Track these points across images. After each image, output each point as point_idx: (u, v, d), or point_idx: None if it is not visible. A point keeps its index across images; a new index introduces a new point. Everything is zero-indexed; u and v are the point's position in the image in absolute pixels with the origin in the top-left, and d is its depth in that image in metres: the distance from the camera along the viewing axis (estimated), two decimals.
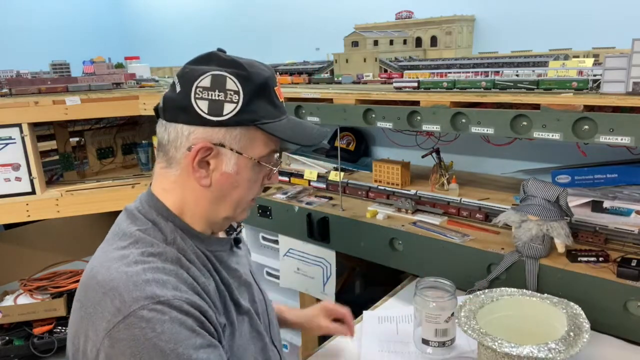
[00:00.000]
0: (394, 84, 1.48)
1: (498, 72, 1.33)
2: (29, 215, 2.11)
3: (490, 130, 1.26)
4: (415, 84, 1.43)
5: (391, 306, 1.44)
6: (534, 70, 1.28)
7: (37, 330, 2.04)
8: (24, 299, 2.14)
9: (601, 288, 1.14)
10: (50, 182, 2.30)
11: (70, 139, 2.47)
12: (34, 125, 2.09)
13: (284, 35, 2.92)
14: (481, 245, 1.36)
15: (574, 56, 1.54)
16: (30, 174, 2.06)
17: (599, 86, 1.15)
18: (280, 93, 0.90)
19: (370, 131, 2.23)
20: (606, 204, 1.34)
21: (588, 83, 1.17)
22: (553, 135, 1.16)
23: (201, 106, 0.81)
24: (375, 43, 1.91)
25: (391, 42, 1.97)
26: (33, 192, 2.09)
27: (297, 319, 1.24)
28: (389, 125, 1.46)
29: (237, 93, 0.82)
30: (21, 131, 2.01)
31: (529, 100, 1.19)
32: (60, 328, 2.06)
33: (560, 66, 1.32)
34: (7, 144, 2.01)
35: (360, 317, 1.37)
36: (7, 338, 2.03)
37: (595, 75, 1.18)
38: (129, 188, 2.25)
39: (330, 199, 1.83)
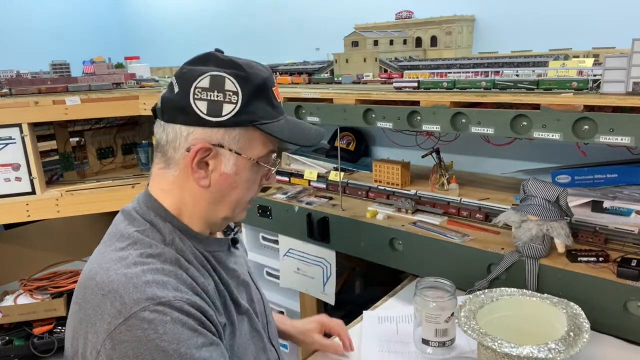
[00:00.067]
0: (394, 84, 1.48)
1: (498, 72, 1.33)
2: (29, 215, 2.10)
3: (490, 130, 1.26)
4: (415, 84, 1.43)
5: (391, 306, 1.44)
6: (534, 70, 1.28)
7: (37, 330, 2.04)
8: (24, 299, 2.14)
9: (601, 288, 1.14)
10: (50, 182, 2.30)
11: (70, 139, 2.47)
12: (34, 125, 2.09)
13: (284, 35, 2.92)
14: (481, 245, 1.36)
15: (574, 56, 1.54)
16: (30, 174, 2.06)
17: (599, 86, 1.15)
18: (278, 93, 0.90)
19: (370, 131, 2.23)
20: (606, 204, 1.34)
21: (588, 83, 1.17)
22: (553, 135, 1.16)
23: (200, 107, 0.81)
24: (375, 43, 1.91)
25: (391, 42, 1.97)
26: (33, 192, 2.09)
27: (293, 330, 1.23)
28: (389, 125, 1.46)
29: (236, 94, 0.82)
30: (21, 131, 2.01)
31: (529, 100, 1.19)
32: (60, 328, 2.06)
33: (560, 66, 1.32)
34: (7, 144, 2.01)
35: (360, 317, 1.37)
36: (7, 338, 2.03)
37: (595, 75, 1.18)
38: (129, 188, 2.25)
39: (330, 199, 1.83)
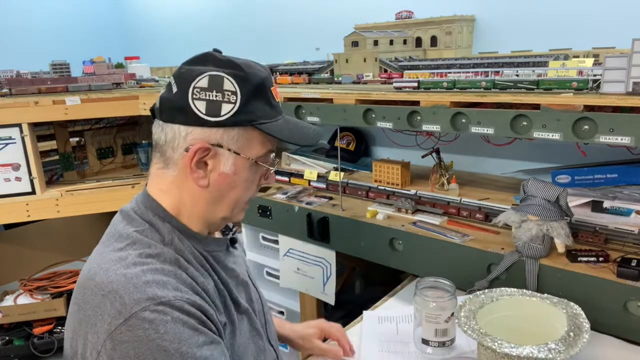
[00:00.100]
0: (394, 84, 1.48)
1: (498, 72, 1.33)
2: (29, 215, 2.11)
3: (490, 130, 1.26)
4: (415, 84, 1.43)
5: (391, 306, 1.44)
6: (534, 70, 1.28)
7: (37, 330, 2.04)
8: (24, 299, 2.15)
9: (601, 288, 1.14)
10: (50, 182, 2.30)
11: (70, 139, 2.47)
12: (34, 125, 2.09)
13: (284, 35, 2.92)
14: (481, 245, 1.36)
15: (574, 56, 1.54)
16: (30, 174, 2.06)
17: (599, 86, 1.15)
18: (276, 93, 0.90)
19: (370, 131, 2.23)
20: (606, 204, 1.34)
21: (588, 83, 1.17)
22: (553, 135, 1.16)
23: (199, 107, 0.81)
24: (375, 43, 1.91)
25: (391, 42, 1.97)
26: (33, 192, 2.09)
27: (293, 334, 1.23)
28: (389, 125, 1.46)
29: (235, 93, 0.82)
30: (21, 131, 2.01)
31: (529, 100, 1.19)
32: (60, 328, 2.06)
33: (560, 66, 1.32)
34: (7, 144, 2.01)
35: (360, 317, 1.37)
36: (7, 338, 2.03)
37: (595, 75, 1.18)
38: (129, 188, 2.25)
39: (330, 199, 1.83)
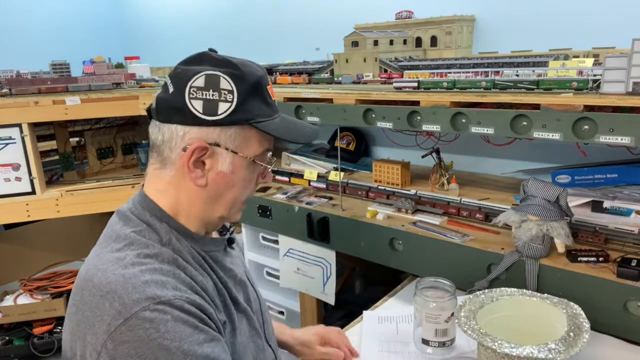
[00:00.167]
0: (394, 84, 1.48)
1: (498, 72, 1.33)
2: (29, 215, 2.10)
3: (490, 130, 1.26)
4: (415, 84, 1.43)
5: (391, 306, 1.44)
6: (534, 70, 1.28)
7: (37, 330, 2.04)
8: (24, 299, 2.15)
9: (601, 288, 1.14)
10: (50, 182, 2.30)
11: (70, 139, 2.47)
12: (34, 125, 2.09)
13: (284, 35, 2.92)
14: (481, 245, 1.36)
15: (574, 56, 1.54)
16: (30, 174, 2.06)
17: (599, 86, 1.15)
18: (272, 92, 0.90)
19: (370, 131, 2.23)
20: (606, 204, 1.34)
21: (588, 83, 1.17)
22: (553, 135, 1.16)
23: (196, 106, 0.81)
24: (375, 43, 1.91)
25: (391, 42, 1.97)
26: (33, 192, 2.09)
27: (293, 340, 1.22)
28: (389, 125, 1.46)
29: (232, 92, 0.82)
30: (21, 131, 2.01)
31: (529, 100, 1.19)
32: (60, 328, 2.06)
33: (560, 66, 1.32)
34: (7, 144, 2.01)
35: (360, 317, 1.37)
36: (7, 338, 2.03)
37: (595, 75, 1.18)
38: (129, 188, 2.25)
39: (330, 199, 1.83)
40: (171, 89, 0.83)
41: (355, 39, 1.91)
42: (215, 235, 0.99)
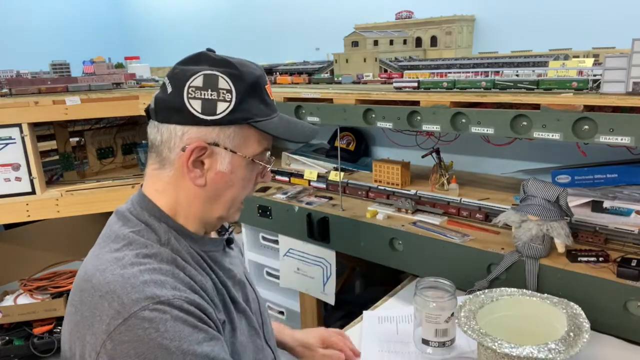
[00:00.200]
0: (394, 84, 1.48)
1: (498, 72, 1.33)
2: (29, 215, 2.10)
3: (490, 130, 1.26)
4: (415, 84, 1.43)
5: (391, 306, 1.44)
6: (534, 70, 1.28)
7: (37, 330, 2.03)
8: (24, 299, 2.14)
9: (601, 288, 1.14)
10: (50, 182, 2.30)
11: (70, 139, 2.47)
12: (34, 125, 2.09)
13: (284, 35, 2.92)
14: (481, 245, 1.36)
15: (574, 56, 1.54)
16: (30, 174, 2.06)
17: (599, 86, 1.15)
18: (270, 91, 0.90)
19: (370, 131, 2.23)
20: (606, 204, 1.34)
21: (588, 83, 1.17)
22: (553, 135, 1.16)
23: (194, 106, 0.81)
24: (375, 43, 1.91)
25: (391, 42, 1.97)
26: (33, 192, 2.09)
27: (293, 342, 1.22)
28: (389, 125, 1.46)
29: (230, 92, 0.82)
30: (21, 131, 2.01)
31: (529, 100, 1.19)
32: (60, 328, 2.06)
33: (560, 66, 1.32)
34: (7, 144, 2.01)
35: (360, 317, 1.37)
36: (7, 338, 2.02)
37: (595, 75, 1.18)
38: (129, 188, 2.25)
39: (330, 199, 1.83)
40: (169, 89, 0.83)
41: (355, 39, 1.91)
42: (214, 235, 0.99)
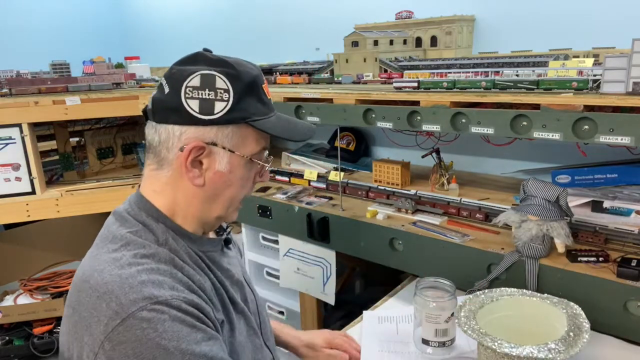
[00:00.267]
0: (394, 84, 1.48)
1: (498, 72, 1.33)
2: (29, 215, 2.10)
3: (490, 130, 1.26)
4: (415, 84, 1.43)
5: (391, 306, 1.44)
6: (534, 70, 1.28)
7: (37, 330, 2.03)
8: (24, 299, 2.15)
9: (601, 288, 1.14)
10: (50, 182, 2.30)
11: (70, 139, 2.47)
12: (34, 125, 2.09)
13: (284, 35, 2.92)
14: (481, 245, 1.36)
15: (574, 56, 1.54)
16: (30, 174, 2.06)
17: (599, 86, 1.15)
18: (268, 90, 0.90)
19: (370, 131, 2.23)
20: (606, 204, 1.34)
21: (588, 83, 1.17)
22: (553, 135, 1.16)
23: (192, 106, 0.81)
24: (375, 43, 1.91)
25: (391, 42, 1.97)
26: (33, 192, 2.09)
27: (297, 342, 1.21)
28: (389, 125, 1.46)
29: (227, 91, 0.82)
30: (21, 131, 2.01)
31: (529, 100, 1.19)
32: (60, 328, 2.06)
33: (560, 66, 1.32)
34: (7, 144, 2.01)
35: (360, 317, 1.37)
36: (7, 338, 2.02)
37: (595, 75, 1.18)
38: (129, 188, 2.25)
39: (330, 199, 1.83)
40: (167, 90, 0.83)
41: (355, 39, 1.91)
42: (212, 235, 0.99)
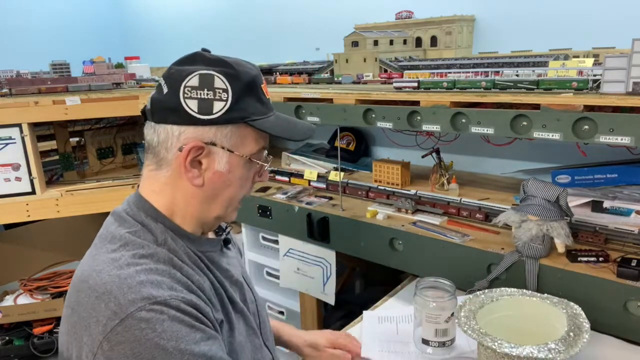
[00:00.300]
0: (394, 84, 1.48)
1: (498, 72, 1.33)
2: (29, 215, 2.10)
3: (490, 130, 1.26)
4: (415, 84, 1.43)
5: (391, 306, 1.44)
6: (534, 70, 1.28)
7: (37, 330, 2.04)
8: (24, 299, 2.15)
9: (601, 288, 1.14)
10: (50, 182, 2.30)
11: (70, 139, 2.47)
12: (34, 125, 2.09)
13: (284, 35, 2.92)
14: (481, 245, 1.36)
15: (574, 56, 1.54)
16: (30, 174, 2.06)
17: (599, 86, 1.15)
18: (266, 90, 0.90)
19: (370, 131, 2.23)
20: (606, 204, 1.34)
21: (588, 83, 1.17)
22: (553, 135, 1.16)
23: (191, 105, 0.81)
24: (375, 43, 1.91)
25: (391, 42, 1.97)
26: (33, 192, 2.09)
27: (300, 341, 1.21)
28: (389, 125, 1.46)
29: (226, 91, 0.82)
30: (21, 131, 2.01)
31: (529, 100, 1.19)
32: (59, 328, 2.06)
33: (560, 66, 1.32)
34: (7, 144, 2.01)
35: (360, 317, 1.37)
36: (7, 338, 2.03)
37: (595, 75, 1.18)
38: (129, 188, 2.25)
39: (330, 199, 1.83)
40: (165, 90, 0.82)
41: (355, 39, 1.91)
42: (211, 236, 0.99)
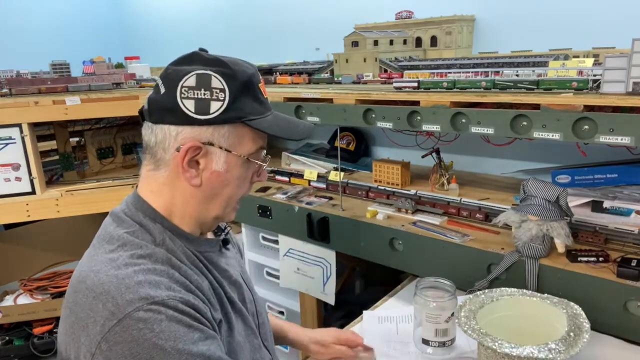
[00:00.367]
0: (394, 84, 1.48)
1: (498, 72, 1.33)
2: (29, 215, 2.10)
3: (490, 130, 1.26)
4: (415, 84, 1.43)
5: (391, 306, 1.44)
6: (534, 70, 1.28)
7: (37, 330, 2.04)
8: (24, 299, 2.15)
9: (601, 288, 1.14)
10: (50, 182, 2.30)
11: (70, 139, 2.47)
12: (34, 125, 2.09)
13: (284, 35, 2.92)
14: (481, 245, 1.36)
15: (574, 56, 1.54)
16: (30, 174, 2.06)
17: (599, 86, 1.15)
18: (264, 89, 0.90)
19: (370, 131, 2.23)
20: (606, 204, 1.34)
21: (588, 83, 1.17)
22: (553, 135, 1.16)
23: (188, 106, 0.81)
24: (375, 43, 1.91)
25: (391, 42, 1.97)
26: (33, 192, 2.09)
27: (305, 338, 1.21)
28: (389, 125, 1.46)
29: (223, 91, 0.81)
30: (21, 131, 2.01)
31: (529, 100, 1.19)
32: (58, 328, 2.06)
33: (560, 66, 1.32)
34: (7, 144, 2.01)
35: (360, 317, 1.37)
36: (7, 338, 2.03)
37: (595, 75, 1.18)
38: (128, 188, 2.25)
39: (330, 199, 1.83)
40: (162, 90, 0.82)
41: (355, 39, 1.91)
42: (210, 236, 0.99)
